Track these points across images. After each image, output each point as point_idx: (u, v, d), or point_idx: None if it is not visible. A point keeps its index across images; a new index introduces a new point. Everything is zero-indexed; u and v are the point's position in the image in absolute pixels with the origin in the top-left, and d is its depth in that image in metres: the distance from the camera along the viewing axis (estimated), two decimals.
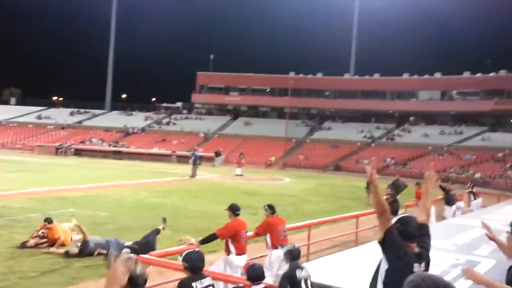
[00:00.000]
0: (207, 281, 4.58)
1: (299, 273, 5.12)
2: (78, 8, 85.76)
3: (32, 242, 9.77)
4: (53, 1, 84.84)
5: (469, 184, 19.74)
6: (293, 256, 5.33)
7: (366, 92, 60.76)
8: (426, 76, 59.87)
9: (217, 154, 42.41)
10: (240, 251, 7.28)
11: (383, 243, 3.59)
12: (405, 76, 60.71)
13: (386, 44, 77.78)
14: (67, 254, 9.24)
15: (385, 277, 3.55)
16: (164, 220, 10.63)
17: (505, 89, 53.90)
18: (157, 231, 10.09)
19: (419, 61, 68.85)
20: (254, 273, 5.01)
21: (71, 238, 10.32)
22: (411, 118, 58.69)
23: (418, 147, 49.15)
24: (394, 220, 3.71)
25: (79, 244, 9.46)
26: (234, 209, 7.48)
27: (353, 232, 11.99)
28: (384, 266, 3.57)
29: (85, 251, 9.22)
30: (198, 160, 30.44)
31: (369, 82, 61.83)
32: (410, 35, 77.12)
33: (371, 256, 3.81)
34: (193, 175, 29.05)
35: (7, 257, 8.99)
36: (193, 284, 4.44)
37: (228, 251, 7.31)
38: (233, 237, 7.27)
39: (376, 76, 62.10)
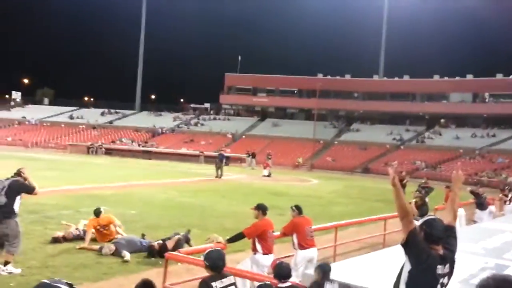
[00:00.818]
0: (228, 280, 4.63)
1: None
2: (108, 10, 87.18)
3: (59, 234, 10.04)
4: (85, 5, 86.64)
5: (506, 188, 19.27)
6: (324, 272, 5.14)
7: (395, 94, 60.08)
8: (457, 78, 58.81)
9: (253, 155, 42.54)
10: (267, 251, 7.30)
11: (405, 245, 3.62)
12: (436, 78, 59.78)
13: (416, 45, 76.72)
14: (99, 251, 9.44)
15: (407, 278, 3.59)
16: (189, 231, 10.59)
17: None
18: (186, 238, 10.25)
19: (450, 63, 67.65)
20: (282, 271, 5.06)
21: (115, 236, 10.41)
22: (442, 121, 57.75)
23: (449, 150, 48.35)
24: (419, 222, 3.74)
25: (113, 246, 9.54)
26: (262, 209, 7.50)
27: (381, 234, 11.90)
28: (407, 268, 3.61)
29: (117, 253, 9.36)
30: (224, 161, 30.33)
31: (398, 83, 61.10)
32: (440, 36, 75.93)
33: (398, 258, 3.83)
34: (219, 175, 29.01)
35: (41, 251, 9.28)
36: (213, 283, 4.50)
37: (255, 250, 7.35)
38: (260, 237, 7.30)
39: (406, 78, 61.35)
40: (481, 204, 15.00)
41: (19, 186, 8.05)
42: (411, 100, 59.94)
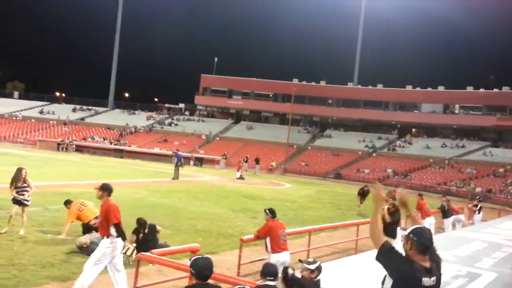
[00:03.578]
0: None
1: None
2: (84, 6, 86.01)
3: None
4: (60, 0, 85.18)
5: (478, 198, 19.57)
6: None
7: (369, 102, 60.85)
8: (429, 89, 59.92)
9: (257, 161, 41.91)
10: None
11: (381, 259, 3.49)
12: (408, 88, 60.80)
13: (390, 55, 77.97)
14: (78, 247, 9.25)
15: None
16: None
17: (508, 105, 53.97)
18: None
19: (422, 74, 69.02)
20: (269, 270, 5.20)
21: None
22: (413, 130, 58.73)
23: (419, 158, 49.15)
24: (407, 231, 3.56)
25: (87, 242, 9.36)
26: (107, 190, 7.18)
27: (353, 240, 11.96)
28: (389, 281, 3.45)
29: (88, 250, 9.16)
30: (180, 161, 29.21)
31: (372, 92, 61.87)
32: (414, 48, 77.28)
33: (371, 264, 3.77)
34: (175, 177, 27.67)
35: (7, 249, 8.99)
36: None
37: (110, 235, 6.97)
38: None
39: (379, 86, 62.19)
40: (446, 213, 15.19)
41: None
42: (384, 108, 60.82)
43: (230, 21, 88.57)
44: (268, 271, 5.19)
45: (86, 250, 9.10)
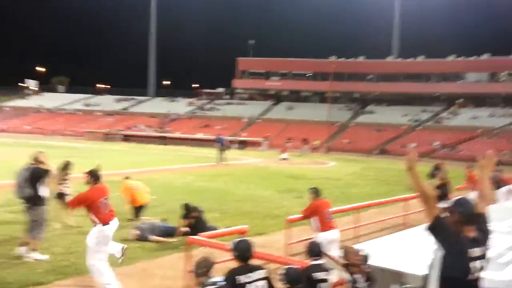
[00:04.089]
0: (256, 274, 4.42)
1: None
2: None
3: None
4: None
5: None
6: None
7: (410, 75, 59.40)
8: (473, 58, 57.86)
9: (306, 141, 41.97)
10: (103, 221, 6.80)
11: (432, 230, 3.50)
12: (451, 57, 58.89)
13: (430, 25, 75.44)
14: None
15: (440, 263, 3.48)
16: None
17: None
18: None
19: (466, 42, 66.53)
20: (314, 249, 5.26)
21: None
22: (459, 101, 57.02)
23: (467, 130, 47.77)
24: (450, 202, 3.62)
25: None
26: (94, 175, 7.01)
27: (401, 215, 11.83)
28: (439, 253, 3.51)
29: (141, 238, 9.47)
30: (223, 145, 29.20)
31: (413, 64, 60.37)
32: (456, 15, 74.41)
33: (422, 238, 3.73)
34: (221, 160, 28.00)
35: (64, 238, 9.37)
36: (238, 277, 4.32)
37: (94, 222, 6.81)
38: (91, 207, 6.78)
39: (421, 58, 60.53)
40: (498, 183, 14.74)
41: (37, 173, 7.99)
42: (426, 80, 59.23)
43: (265, 2, 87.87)
44: (313, 250, 5.25)
45: (142, 238, 9.42)
